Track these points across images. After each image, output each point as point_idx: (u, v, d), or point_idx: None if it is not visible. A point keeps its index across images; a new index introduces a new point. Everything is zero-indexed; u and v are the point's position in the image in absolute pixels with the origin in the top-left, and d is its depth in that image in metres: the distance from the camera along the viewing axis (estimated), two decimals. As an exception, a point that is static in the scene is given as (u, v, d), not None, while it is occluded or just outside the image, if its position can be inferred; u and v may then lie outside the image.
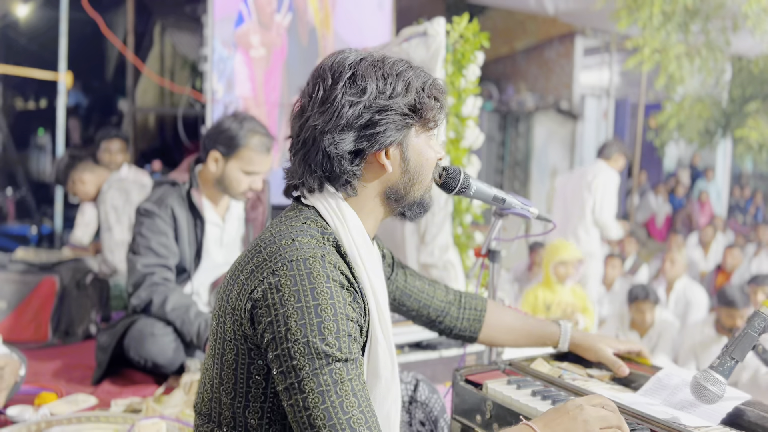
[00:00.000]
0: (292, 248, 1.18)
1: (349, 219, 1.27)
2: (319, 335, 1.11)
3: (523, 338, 1.75)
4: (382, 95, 1.24)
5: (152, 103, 8.72)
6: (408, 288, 1.66)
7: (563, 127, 10.51)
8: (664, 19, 7.01)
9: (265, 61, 5.08)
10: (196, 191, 2.60)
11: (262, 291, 1.15)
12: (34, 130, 9.27)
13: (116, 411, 2.18)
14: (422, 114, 1.28)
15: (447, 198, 2.96)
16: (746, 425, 1.40)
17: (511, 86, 10.52)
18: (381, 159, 1.27)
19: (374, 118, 1.23)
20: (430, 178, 1.35)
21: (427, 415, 1.77)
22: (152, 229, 2.50)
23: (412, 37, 2.99)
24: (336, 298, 1.14)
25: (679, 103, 9.32)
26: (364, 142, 1.24)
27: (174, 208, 2.53)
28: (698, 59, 7.72)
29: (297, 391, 1.11)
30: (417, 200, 1.34)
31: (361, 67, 1.25)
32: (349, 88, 1.23)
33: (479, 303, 1.73)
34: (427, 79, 1.29)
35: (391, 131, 1.24)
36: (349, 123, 1.23)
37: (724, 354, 1.38)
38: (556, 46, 10.33)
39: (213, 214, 2.66)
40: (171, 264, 2.52)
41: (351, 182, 1.27)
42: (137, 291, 2.47)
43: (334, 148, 1.23)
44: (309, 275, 1.14)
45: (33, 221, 6.89)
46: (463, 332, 1.71)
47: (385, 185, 1.31)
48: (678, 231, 9.03)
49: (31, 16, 8.10)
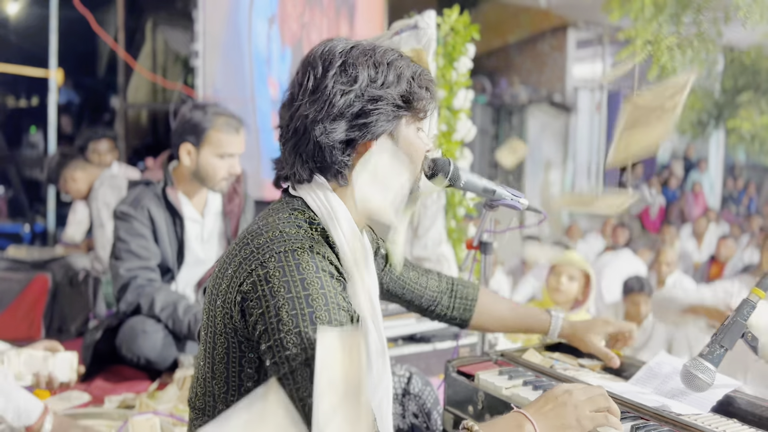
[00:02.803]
0: (280, 240, 1.17)
1: (336, 209, 1.26)
2: (311, 325, 1.11)
3: (513, 326, 1.78)
4: (373, 84, 1.23)
5: (144, 99, 8.69)
6: (401, 279, 1.67)
7: (557, 120, 10.51)
8: (656, 11, 7.01)
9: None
10: (171, 189, 2.57)
11: (252, 283, 1.15)
12: (26, 127, 9.23)
13: (110, 407, 2.17)
14: (413, 104, 1.27)
15: (439, 191, 2.96)
16: (736, 412, 1.40)
17: (504, 79, 10.51)
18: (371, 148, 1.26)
19: (366, 108, 1.22)
20: (419, 168, 1.35)
21: (421, 407, 1.78)
22: (130, 233, 2.49)
23: (403, 30, 2.98)
24: (326, 287, 1.14)
25: (672, 94, 9.33)
26: (355, 131, 1.23)
27: (150, 208, 2.52)
28: (690, 51, 7.72)
29: (290, 381, 1.11)
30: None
31: (352, 55, 1.24)
32: (340, 76, 1.22)
33: (471, 292, 1.74)
34: (417, 69, 1.29)
35: (383, 121, 1.24)
36: (341, 112, 1.22)
37: (714, 342, 1.39)
38: (549, 39, 10.33)
39: (191, 210, 2.64)
40: (153, 265, 2.51)
41: (342, 172, 1.26)
42: (124, 296, 2.46)
43: (326, 138, 1.22)
44: (298, 266, 1.14)
45: (25, 219, 6.88)
46: (453, 320, 1.74)
47: None
48: (671, 222, 9.06)
49: (21, 14, 8.05)
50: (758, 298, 1.42)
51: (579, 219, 9.96)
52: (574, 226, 8.32)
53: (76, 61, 8.44)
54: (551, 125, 10.50)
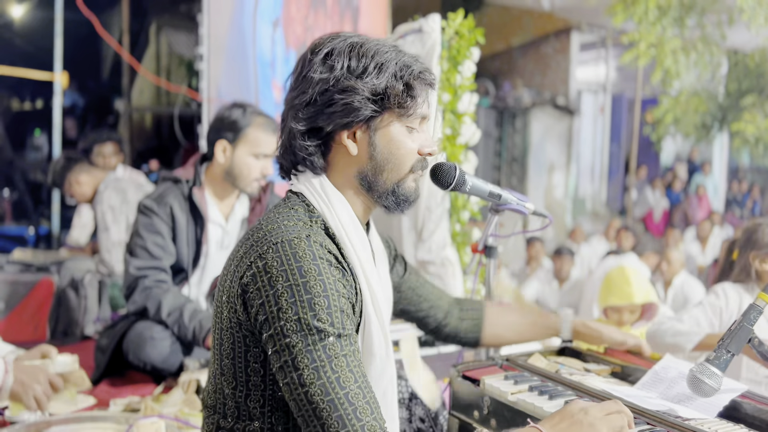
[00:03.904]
0: (278, 231, 1.19)
1: (333, 199, 1.27)
2: (310, 311, 1.12)
3: (527, 332, 1.78)
4: (350, 75, 1.22)
5: (148, 102, 8.72)
6: (419, 287, 1.68)
7: (560, 123, 10.51)
8: (660, 14, 7.02)
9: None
10: (198, 189, 2.54)
11: (251, 275, 1.16)
12: (31, 130, 9.25)
13: (115, 410, 2.18)
14: (393, 100, 1.24)
15: (444, 194, 2.96)
16: (743, 417, 1.40)
17: (508, 82, 10.51)
18: (344, 140, 1.26)
19: (335, 98, 1.22)
20: (404, 169, 1.30)
21: (427, 412, 1.77)
22: (149, 228, 2.47)
23: (407, 33, 2.99)
24: (324, 274, 1.15)
25: (676, 97, 9.33)
26: (323, 119, 1.24)
27: (173, 206, 2.50)
28: (694, 53, 7.73)
29: (291, 368, 1.12)
30: (389, 190, 1.29)
31: (340, 45, 1.24)
32: (321, 65, 1.23)
33: (478, 304, 1.78)
34: (411, 66, 1.25)
35: (349, 111, 1.22)
36: (312, 100, 1.23)
37: (720, 347, 1.39)
38: (552, 42, 10.33)
39: (216, 214, 2.59)
40: (165, 265, 2.48)
41: (309, 160, 1.27)
42: (132, 296, 2.45)
43: (295, 124, 1.25)
44: (294, 255, 1.15)
45: (30, 222, 6.89)
46: (466, 334, 1.75)
47: (354, 169, 1.28)
48: (675, 225, 9.04)
49: (26, 17, 8.08)
50: (765, 303, 1.42)
51: (582, 222, 9.95)
52: (577, 229, 8.31)
53: (80, 64, 8.46)
54: (555, 128, 10.50)
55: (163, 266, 2.47)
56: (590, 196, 11.09)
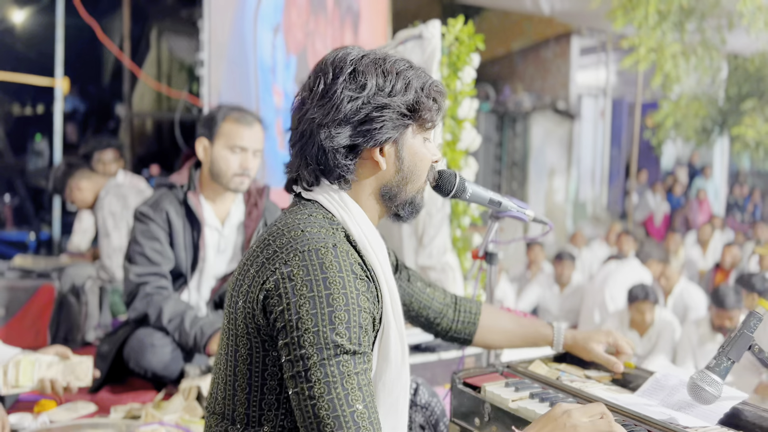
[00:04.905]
0: (303, 239, 1.19)
1: (353, 209, 1.29)
2: (329, 324, 1.12)
3: (517, 339, 1.78)
4: (381, 92, 1.25)
5: (149, 107, 8.73)
6: (411, 288, 1.69)
7: (560, 127, 10.51)
8: (660, 18, 7.02)
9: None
10: (193, 194, 2.55)
11: (275, 281, 1.17)
12: (32, 136, 9.26)
13: (116, 417, 2.18)
14: (420, 114, 1.29)
15: (444, 200, 2.96)
16: (744, 425, 1.40)
17: (508, 87, 10.52)
18: (375, 156, 1.28)
19: (372, 115, 1.24)
20: (423, 178, 1.36)
21: (427, 418, 1.77)
22: (146, 235, 2.48)
23: (407, 39, 3.00)
24: (348, 287, 1.15)
25: (676, 101, 9.33)
26: (359, 137, 1.25)
27: (169, 211, 2.50)
28: (694, 58, 7.73)
29: (303, 380, 1.12)
30: (409, 200, 1.35)
31: (363, 63, 1.26)
32: (349, 83, 1.25)
33: (474, 306, 1.77)
34: (427, 80, 1.31)
35: (388, 129, 1.26)
36: (347, 118, 1.24)
37: (721, 354, 1.39)
38: (553, 46, 10.34)
39: (212, 217, 2.60)
40: (165, 271, 2.49)
41: (344, 176, 1.28)
42: (133, 303, 2.46)
43: (330, 142, 1.25)
44: (321, 265, 1.15)
45: (31, 228, 6.90)
46: (458, 334, 1.75)
47: (380, 182, 1.32)
48: (676, 230, 9.03)
49: (27, 22, 8.10)
50: (765, 311, 1.42)
51: (583, 226, 9.95)
52: (578, 233, 8.30)
53: (81, 70, 8.49)
54: (555, 132, 10.50)
55: (162, 272, 2.48)
56: (591, 200, 11.08)
